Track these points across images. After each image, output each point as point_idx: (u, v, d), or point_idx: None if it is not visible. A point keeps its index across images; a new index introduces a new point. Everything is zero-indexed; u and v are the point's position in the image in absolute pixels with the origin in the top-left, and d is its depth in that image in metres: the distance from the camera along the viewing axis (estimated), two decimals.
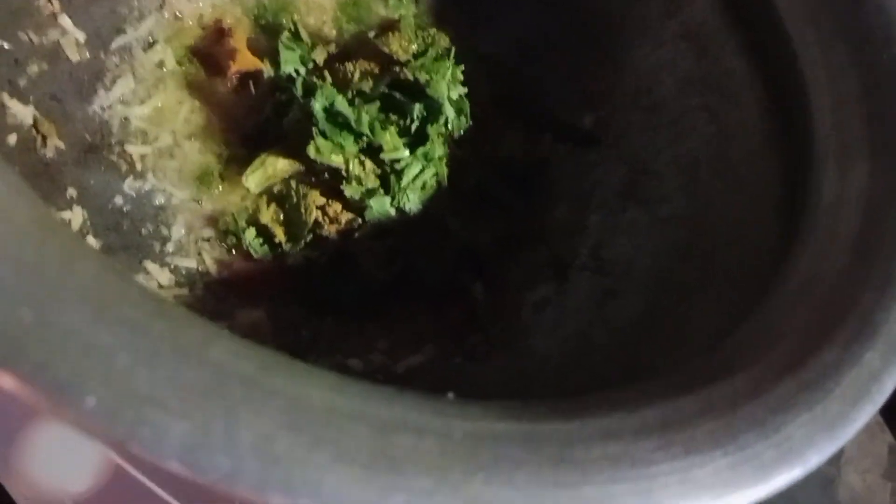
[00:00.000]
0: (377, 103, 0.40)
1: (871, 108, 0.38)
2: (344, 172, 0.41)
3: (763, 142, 0.43)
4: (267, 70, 0.43)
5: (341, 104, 0.39)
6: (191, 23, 0.45)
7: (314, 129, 0.39)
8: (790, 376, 0.26)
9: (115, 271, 0.20)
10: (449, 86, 0.43)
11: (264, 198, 0.42)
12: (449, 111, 0.43)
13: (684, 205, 0.45)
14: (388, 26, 0.50)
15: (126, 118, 0.41)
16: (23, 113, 0.36)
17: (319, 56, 0.45)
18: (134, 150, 0.40)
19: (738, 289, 0.39)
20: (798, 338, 0.28)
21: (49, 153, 0.36)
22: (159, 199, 0.40)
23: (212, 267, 0.38)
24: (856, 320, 0.28)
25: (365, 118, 0.40)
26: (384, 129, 0.40)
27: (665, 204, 0.46)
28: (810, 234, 0.35)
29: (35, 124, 0.36)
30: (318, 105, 0.39)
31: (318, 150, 0.39)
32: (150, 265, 0.37)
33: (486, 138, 0.47)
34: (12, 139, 0.35)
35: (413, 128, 0.42)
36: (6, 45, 0.36)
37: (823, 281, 0.32)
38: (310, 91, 0.42)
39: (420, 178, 0.42)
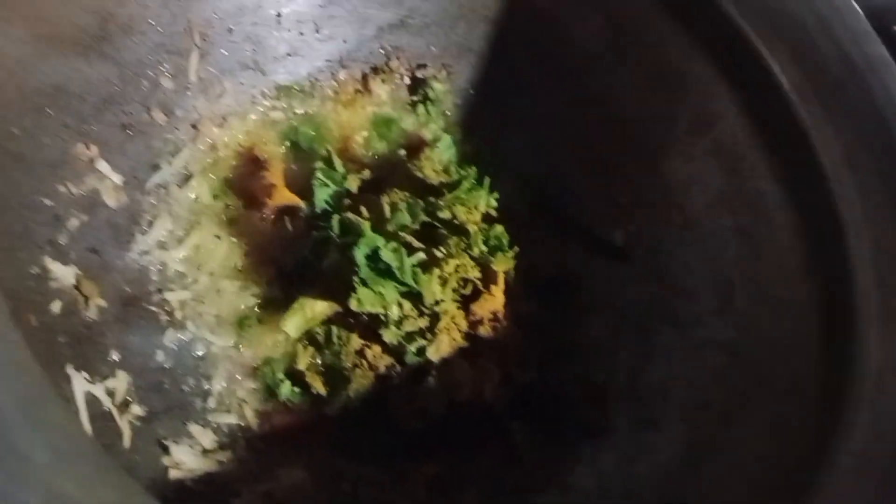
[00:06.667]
0: (420, 254, 0.40)
1: None
2: (383, 317, 0.40)
3: (799, 265, 0.43)
4: (303, 207, 0.43)
5: (386, 254, 0.39)
6: (225, 152, 0.44)
7: (355, 279, 0.39)
8: None
9: None
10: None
11: (302, 340, 0.41)
12: (481, 246, 0.43)
13: (720, 329, 0.45)
14: (419, 145, 0.50)
15: (164, 263, 0.40)
16: (65, 274, 0.35)
17: (353, 184, 0.45)
18: (173, 296, 0.39)
19: (782, 418, 0.39)
20: None
21: (91, 314, 0.36)
22: (199, 350, 0.39)
23: (252, 421, 0.38)
24: None
25: (408, 266, 0.39)
26: (426, 274, 0.40)
27: (699, 328, 0.46)
28: (858, 412, 0.35)
29: (77, 285, 0.36)
30: (360, 254, 0.39)
31: (359, 302, 0.39)
32: (193, 427, 0.36)
33: (521, 256, 0.47)
34: (56, 307, 0.34)
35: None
36: (47, 202, 0.36)
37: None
38: (347, 230, 0.41)
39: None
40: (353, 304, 0.39)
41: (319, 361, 0.41)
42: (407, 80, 0.51)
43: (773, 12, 0.43)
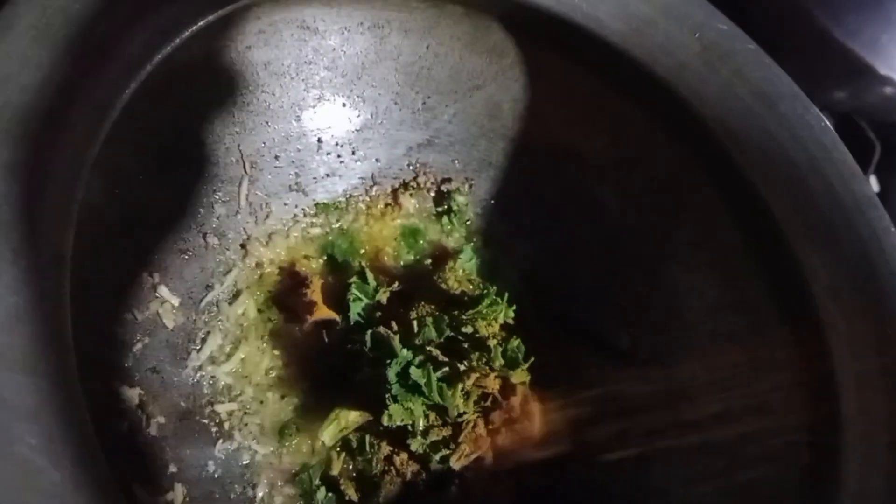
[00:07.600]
0: (445, 368, 0.44)
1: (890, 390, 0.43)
2: (410, 427, 0.44)
3: (790, 381, 0.46)
4: (339, 320, 0.48)
5: (415, 373, 0.43)
6: (270, 269, 0.49)
7: (387, 395, 0.43)
8: None
9: None
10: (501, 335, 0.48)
11: (336, 447, 0.45)
12: (500, 360, 0.47)
13: (719, 433, 0.49)
14: (443, 255, 0.55)
15: (214, 377, 0.44)
16: (131, 396, 0.40)
17: (384, 297, 0.49)
18: (222, 408, 0.44)
19: None
20: None
21: (153, 431, 0.40)
22: (245, 458, 0.43)
23: None
24: None
25: (434, 383, 0.44)
26: (450, 388, 0.44)
27: (700, 431, 0.50)
28: None
29: (140, 404, 0.40)
30: (392, 372, 0.43)
31: (390, 417, 0.43)
32: None
33: (534, 362, 0.50)
34: (124, 426, 0.39)
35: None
36: (119, 331, 0.40)
37: None
38: (378, 344, 0.46)
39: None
40: (384, 420, 0.43)
41: (351, 467, 0.45)
42: (432, 193, 0.56)
43: (766, 148, 0.48)
